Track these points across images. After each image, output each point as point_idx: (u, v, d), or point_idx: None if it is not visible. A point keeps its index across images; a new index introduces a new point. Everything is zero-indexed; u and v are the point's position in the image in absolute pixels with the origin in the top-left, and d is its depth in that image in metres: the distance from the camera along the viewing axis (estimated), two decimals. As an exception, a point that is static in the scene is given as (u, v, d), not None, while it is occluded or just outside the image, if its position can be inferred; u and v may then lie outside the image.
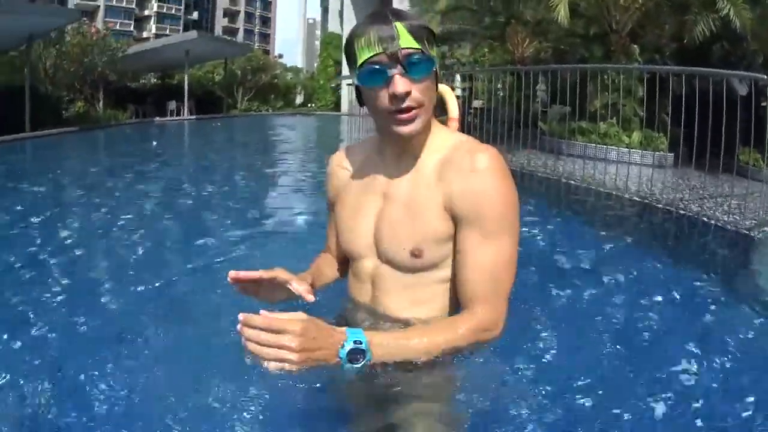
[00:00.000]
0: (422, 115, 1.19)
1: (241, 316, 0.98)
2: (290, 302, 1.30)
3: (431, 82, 1.20)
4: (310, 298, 1.22)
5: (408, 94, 1.15)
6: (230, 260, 2.94)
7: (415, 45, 1.14)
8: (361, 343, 1.04)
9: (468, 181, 1.19)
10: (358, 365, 1.05)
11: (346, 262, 1.49)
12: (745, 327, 2.29)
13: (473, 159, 1.20)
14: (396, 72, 1.13)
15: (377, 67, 1.14)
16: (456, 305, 1.28)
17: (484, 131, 8.27)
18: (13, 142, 10.94)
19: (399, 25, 1.14)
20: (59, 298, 2.47)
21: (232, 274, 1.18)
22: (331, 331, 1.04)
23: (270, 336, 0.97)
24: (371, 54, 1.14)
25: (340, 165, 1.44)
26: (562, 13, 9.27)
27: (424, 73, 1.16)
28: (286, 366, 0.98)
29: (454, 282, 1.26)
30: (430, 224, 1.23)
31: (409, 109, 1.16)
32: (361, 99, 1.25)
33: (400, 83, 1.13)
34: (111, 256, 3.24)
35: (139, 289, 2.52)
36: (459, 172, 1.20)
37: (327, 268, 1.50)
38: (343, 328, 1.07)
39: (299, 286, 1.22)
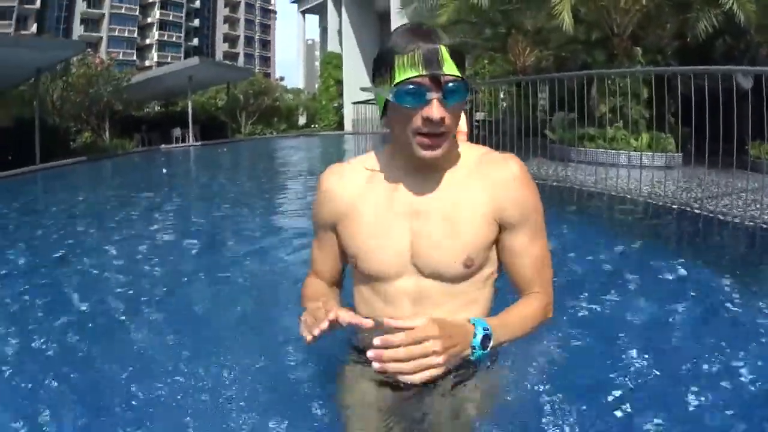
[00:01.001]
0: (448, 141, 1.20)
1: (376, 341, 1.00)
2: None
3: (461, 108, 1.21)
4: (368, 323, 1.13)
5: (443, 120, 1.15)
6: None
7: (457, 72, 1.14)
8: (488, 329, 1.14)
9: (512, 190, 1.28)
10: (487, 351, 1.14)
11: (338, 284, 1.49)
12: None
13: (508, 168, 1.29)
14: (435, 96, 1.13)
15: (418, 88, 1.13)
16: (493, 298, 1.39)
17: (494, 143, 8.25)
18: (25, 174, 11.05)
19: (444, 50, 1.13)
20: (79, 325, 2.48)
21: (309, 339, 1.13)
22: (460, 326, 1.12)
23: (415, 348, 1.00)
24: (414, 74, 1.13)
25: (338, 184, 1.36)
26: (567, 20, 9.25)
27: (461, 100, 1.17)
28: (433, 372, 1.02)
29: (491, 276, 1.36)
30: (479, 234, 1.28)
31: (439, 134, 1.17)
32: (385, 111, 1.23)
33: (437, 109, 1.13)
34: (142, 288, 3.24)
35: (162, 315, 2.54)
36: (500, 182, 1.28)
37: (330, 292, 1.43)
38: (465, 320, 1.15)
39: (348, 316, 1.13)
